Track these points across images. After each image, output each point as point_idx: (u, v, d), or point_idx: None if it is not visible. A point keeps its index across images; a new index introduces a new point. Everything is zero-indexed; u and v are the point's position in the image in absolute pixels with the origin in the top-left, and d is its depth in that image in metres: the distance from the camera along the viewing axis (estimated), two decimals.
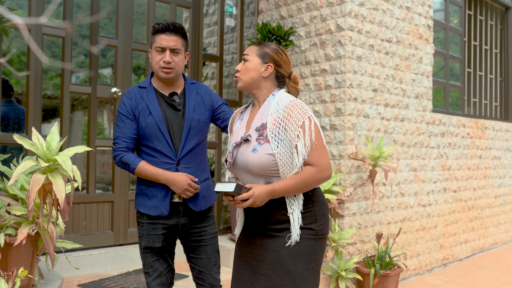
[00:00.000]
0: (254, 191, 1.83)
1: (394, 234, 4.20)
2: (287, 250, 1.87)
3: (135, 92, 2.27)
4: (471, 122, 5.38)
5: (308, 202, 1.91)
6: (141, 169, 2.18)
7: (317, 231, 1.91)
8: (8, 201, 2.63)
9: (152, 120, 2.20)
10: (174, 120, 2.24)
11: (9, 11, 2.05)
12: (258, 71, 1.97)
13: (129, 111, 2.23)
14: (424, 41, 4.64)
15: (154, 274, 2.26)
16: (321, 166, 1.88)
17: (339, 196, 3.74)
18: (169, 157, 2.21)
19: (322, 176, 1.88)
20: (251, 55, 1.99)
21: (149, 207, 2.23)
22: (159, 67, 2.22)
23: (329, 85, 3.91)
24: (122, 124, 2.22)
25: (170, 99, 2.26)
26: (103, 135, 7.85)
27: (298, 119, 1.85)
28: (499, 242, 5.94)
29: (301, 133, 1.84)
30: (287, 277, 1.85)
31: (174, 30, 2.23)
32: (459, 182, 5.13)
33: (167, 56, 2.21)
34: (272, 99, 1.96)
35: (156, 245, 2.25)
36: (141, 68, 8.26)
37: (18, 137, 2.48)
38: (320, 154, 1.88)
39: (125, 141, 2.21)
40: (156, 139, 2.20)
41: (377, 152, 3.79)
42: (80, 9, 6.36)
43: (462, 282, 4.34)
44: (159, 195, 2.22)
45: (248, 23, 4.76)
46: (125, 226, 3.81)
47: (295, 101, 1.91)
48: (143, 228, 2.26)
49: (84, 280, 3.36)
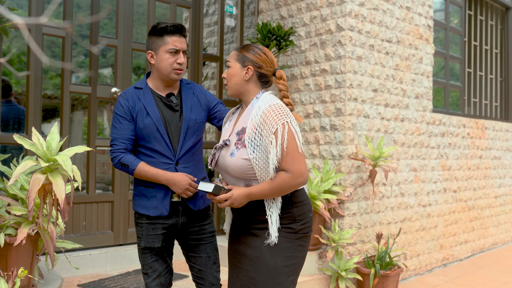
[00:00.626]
0: (233, 193, 1.92)
1: (394, 234, 4.20)
2: (266, 247, 1.94)
3: (132, 93, 2.26)
4: (471, 122, 5.37)
5: (288, 204, 1.96)
6: (141, 170, 2.18)
7: (297, 230, 1.96)
8: (8, 201, 2.63)
9: (150, 121, 2.20)
10: (172, 121, 2.25)
11: (9, 11, 2.05)
12: (240, 76, 2.02)
13: (126, 112, 2.21)
14: (424, 41, 4.63)
15: (153, 274, 2.27)
16: (294, 173, 1.88)
17: (339, 196, 3.74)
18: (167, 157, 2.22)
19: (295, 182, 1.89)
20: (232, 61, 2.04)
21: (148, 207, 2.23)
22: (173, 68, 2.23)
23: (329, 85, 3.91)
24: (120, 125, 2.21)
25: (167, 100, 2.27)
26: (103, 135, 7.85)
27: (272, 126, 1.87)
28: (499, 242, 5.94)
29: (273, 140, 1.86)
30: (265, 272, 1.92)
31: (183, 32, 2.28)
32: (459, 182, 5.13)
33: (182, 58, 2.24)
34: (256, 102, 1.99)
35: (156, 245, 2.25)
36: (141, 68, 8.26)
37: (18, 137, 2.48)
38: (293, 160, 1.88)
39: (123, 142, 2.21)
40: (155, 140, 2.20)
41: (377, 152, 3.79)
42: (80, 9, 6.36)
43: (462, 282, 4.34)
44: (159, 195, 2.22)
45: (248, 23, 4.75)
46: (125, 226, 3.81)
47: (274, 105, 1.92)
48: (142, 228, 2.26)
49: (84, 280, 3.36)
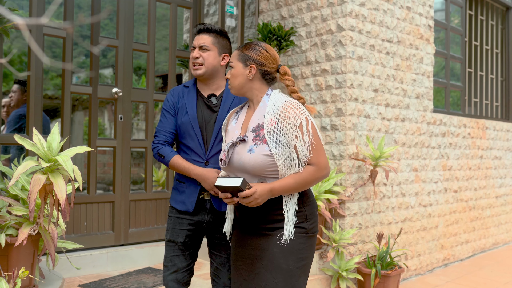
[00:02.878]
0: (256, 188, 1.84)
1: (395, 234, 4.20)
2: (279, 248, 1.91)
3: (179, 90, 2.40)
4: (472, 122, 5.37)
5: (300, 202, 1.96)
6: (175, 162, 2.28)
7: (308, 230, 1.96)
8: (9, 201, 2.63)
9: (187, 119, 2.31)
10: (209, 121, 2.33)
11: (10, 11, 2.05)
12: (243, 75, 2.02)
13: (171, 107, 2.36)
14: (425, 41, 4.63)
15: (172, 269, 2.32)
16: (320, 165, 1.91)
17: (340, 196, 3.74)
18: (199, 155, 2.30)
19: (321, 175, 1.92)
20: (234, 61, 2.05)
21: (178, 201, 2.34)
22: (191, 64, 2.35)
23: (330, 85, 3.91)
24: (164, 119, 2.35)
25: (207, 100, 2.35)
26: (104, 136, 7.85)
27: (295, 120, 1.89)
28: (500, 242, 5.93)
29: (299, 134, 1.88)
30: (279, 275, 1.90)
31: (205, 30, 2.35)
32: (460, 182, 5.13)
33: (195, 52, 2.33)
34: (268, 100, 2.00)
35: (179, 240, 2.31)
36: (142, 68, 8.26)
37: (19, 137, 2.48)
38: (318, 153, 1.91)
39: (164, 135, 2.34)
40: (189, 137, 2.31)
41: (378, 152, 3.79)
42: (80, 9, 6.37)
43: (463, 282, 4.34)
44: (188, 191, 2.31)
45: (248, 24, 4.76)
46: (125, 226, 3.81)
47: (291, 101, 1.95)
48: (171, 221, 2.36)
49: (85, 280, 3.37)
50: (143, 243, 3.91)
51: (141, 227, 3.93)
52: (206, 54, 2.33)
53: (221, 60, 2.37)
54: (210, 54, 2.33)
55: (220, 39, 2.37)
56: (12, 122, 3.96)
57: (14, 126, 3.94)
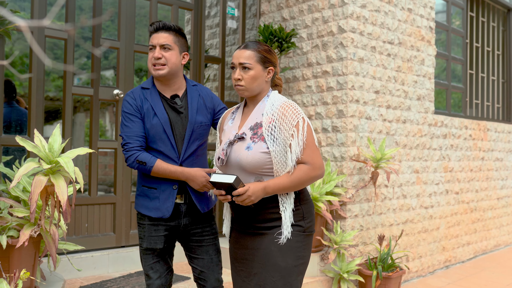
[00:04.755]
0: (250, 186, 1.86)
1: (396, 236, 4.20)
2: (276, 247, 1.92)
3: (139, 93, 2.25)
4: (473, 124, 5.37)
5: (297, 201, 1.97)
6: (159, 167, 2.15)
7: (305, 228, 1.97)
8: (11, 203, 2.64)
9: (157, 121, 2.19)
10: (177, 123, 2.23)
11: (11, 13, 2.06)
12: (262, 77, 2.02)
13: (135, 110, 2.20)
14: (426, 43, 4.63)
15: (154, 275, 2.26)
16: (315, 164, 1.91)
17: (341, 198, 3.73)
18: (172, 159, 2.21)
19: (315, 174, 1.93)
20: (252, 63, 1.98)
21: (150, 208, 2.22)
22: (152, 64, 2.22)
23: (331, 87, 3.91)
24: (131, 124, 2.19)
25: (172, 102, 2.25)
26: (105, 137, 7.86)
27: (292, 119, 1.91)
28: (502, 244, 5.92)
29: (295, 132, 1.89)
30: (277, 273, 1.90)
31: (164, 28, 2.23)
32: (461, 184, 5.12)
33: (156, 52, 2.21)
34: (267, 100, 2.02)
35: (158, 247, 2.24)
36: (143, 70, 8.26)
37: (21, 139, 2.49)
38: (313, 153, 1.92)
39: (138, 140, 2.18)
40: (160, 141, 2.19)
41: (379, 154, 3.79)
42: (82, 11, 6.38)
43: (465, 284, 4.33)
44: (161, 197, 2.21)
45: (250, 25, 4.76)
46: (127, 227, 3.81)
47: (289, 101, 1.98)
48: (144, 229, 2.26)
49: (86, 282, 3.37)
50: None
51: None
52: (169, 54, 2.21)
53: (182, 59, 2.27)
54: (173, 54, 2.22)
55: (179, 38, 2.26)
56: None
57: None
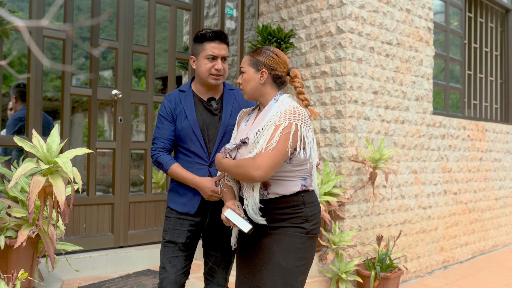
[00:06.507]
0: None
1: (395, 236, 4.20)
2: (279, 246, 1.95)
3: (175, 96, 2.38)
4: (472, 124, 5.37)
5: (300, 204, 1.98)
6: (173, 171, 2.30)
7: (309, 230, 1.98)
8: (9, 203, 2.63)
9: (187, 124, 2.31)
10: (211, 124, 2.34)
11: (9, 13, 2.06)
12: (255, 80, 2.04)
13: (168, 113, 2.34)
14: (425, 43, 4.64)
15: (171, 270, 2.30)
16: (255, 163, 1.86)
17: (340, 198, 3.73)
18: (202, 158, 2.32)
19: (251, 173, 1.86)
20: (246, 67, 2.06)
21: (178, 203, 2.34)
22: (210, 74, 2.32)
23: (330, 87, 3.91)
24: (161, 126, 2.35)
25: (207, 104, 2.36)
26: (104, 137, 7.85)
27: (279, 120, 1.91)
28: (500, 244, 5.93)
29: (270, 129, 1.90)
30: (278, 272, 1.93)
31: (224, 39, 2.35)
32: (459, 184, 5.13)
33: (219, 64, 2.32)
34: (274, 104, 2.02)
35: (180, 240, 2.31)
36: (142, 70, 8.26)
37: (19, 139, 2.48)
38: (267, 155, 1.86)
39: (163, 142, 2.34)
40: (191, 142, 2.31)
41: (377, 154, 3.79)
42: (80, 11, 6.37)
43: (463, 284, 4.34)
44: (189, 193, 2.32)
45: (248, 26, 4.76)
46: (125, 228, 3.81)
47: (294, 107, 1.95)
48: (170, 222, 2.34)
49: (84, 282, 3.36)
50: (143, 245, 3.91)
51: (140, 229, 3.93)
52: (226, 65, 2.35)
53: None
54: (227, 65, 2.37)
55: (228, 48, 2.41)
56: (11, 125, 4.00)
57: (13, 129, 3.96)
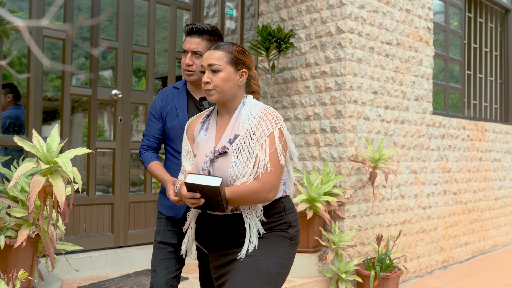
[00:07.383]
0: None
1: (394, 236, 4.20)
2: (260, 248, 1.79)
3: (168, 93, 2.31)
4: (471, 124, 5.38)
5: (281, 210, 1.85)
6: (151, 169, 2.23)
7: (292, 236, 1.86)
8: (9, 203, 2.63)
9: (177, 123, 2.22)
10: None
11: (9, 13, 2.06)
12: (234, 81, 1.82)
13: (157, 111, 2.28)
14: (424, 44, 4.64)
15: (162, 272, 2.19)
16: (265, 185, 1.71)
17: (339, 198, 3.74)
18: None
19: (263, 196, 1.72)
20: (222, 64, 1.80)
21: (165, 206, 2.26)
22: (183, 69, 2.25)
23: (329, 87, 3.91)
24: (150, 123, 2.31)
25: (199, 104, 2.27)
26: (103, 137, 7.85)
27: (267, 128, 1.74)
28: (499, 244, 5.93)
29: (265, 143, 1.72)
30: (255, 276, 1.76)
31: (197, 32, 2.21)
32: (459, 184, 5.13)
33: (187, 59, 2.22)
34: (243, 108, 1.84)
35: (172, 241, 2.22)
36: (142, 70, 8.26)
37: (19, 139, 2.48)
38: (270, 172, 1.71)
39: (149, 139, 2.29)
40: (180, 142, 2.21)
41: (377, 154, 3.79)
42: (80, 11, 6.37)
43: (463, 284, 4.34)
44: None
45: (248, 25, 4.76)
46: (125, 228, 3.81)
47: (268, 109, 1.80)
48: (161, 223, 2.27)
49: (84, 282, 3.36)
50: (142, 245, 3.91)
51: (140, 229, 3.93)
52: (199, 61, 2.20)
53: None
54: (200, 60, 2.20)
55: (213, 42, 2.22)
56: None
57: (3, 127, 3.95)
